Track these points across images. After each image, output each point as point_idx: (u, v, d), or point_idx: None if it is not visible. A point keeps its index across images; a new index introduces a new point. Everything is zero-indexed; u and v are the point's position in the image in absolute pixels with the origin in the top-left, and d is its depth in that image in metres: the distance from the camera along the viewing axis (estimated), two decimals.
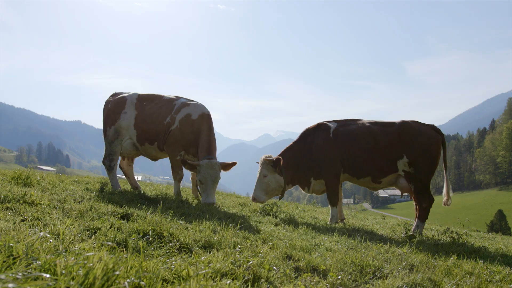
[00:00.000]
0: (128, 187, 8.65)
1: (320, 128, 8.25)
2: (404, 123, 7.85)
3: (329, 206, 8.17)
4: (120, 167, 8.66)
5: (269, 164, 8.33)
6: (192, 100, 8.17)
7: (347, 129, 8.05)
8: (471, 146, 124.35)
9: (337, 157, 7.92)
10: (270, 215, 7.52)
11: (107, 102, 8.45)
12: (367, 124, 8.04)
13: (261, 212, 7.76)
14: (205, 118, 7.91)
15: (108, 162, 8.07)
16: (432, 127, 7.89)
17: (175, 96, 8.30)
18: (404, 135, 7.69)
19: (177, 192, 7.97)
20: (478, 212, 74.44)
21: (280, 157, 8.27)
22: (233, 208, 7.84)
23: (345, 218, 8.75)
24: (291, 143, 8.64)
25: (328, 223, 7.92)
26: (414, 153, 7.56)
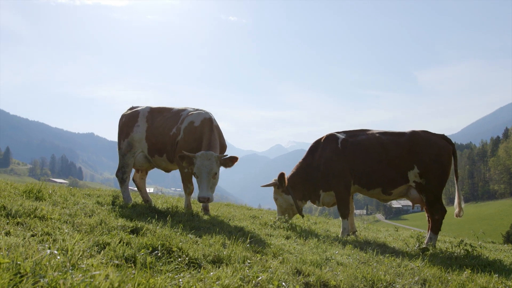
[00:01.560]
0: (139, 199, 8.68)
1: (328, 139, 8.21)
2: (414, 133, 7.76)
3: (340, 218, 8.10)
4: (133, 180, 8.75)
5: (275, 187, 8.50)
6: (197, 109, 8.17)
7: (356, 140, 7.98)
8: (485, 155, 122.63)
9: (346, 168, 7.85)
10: (281, 228, 7.47)
11: (122, 116, 8.59)
12: (377, 135, 7.96)
13: (272, 225, 7.71)
14: (206, 122, 7.76)
15: (121, 174, 8.17)
16: (443, 136, 7.80)
17: (184, 108, 8.33)
18: (415, 145, 7.59)
19: (187, 205, 7.97)
20: (493, 223, 73.17)
21: (283, 172, 8.36)
22: (244, 221, 7.80)
23: (357, 231, 8.65)
24: (300, 159, 8.64)
25: (339, 235, 7.83)
26: (425, 163, 7.46)
